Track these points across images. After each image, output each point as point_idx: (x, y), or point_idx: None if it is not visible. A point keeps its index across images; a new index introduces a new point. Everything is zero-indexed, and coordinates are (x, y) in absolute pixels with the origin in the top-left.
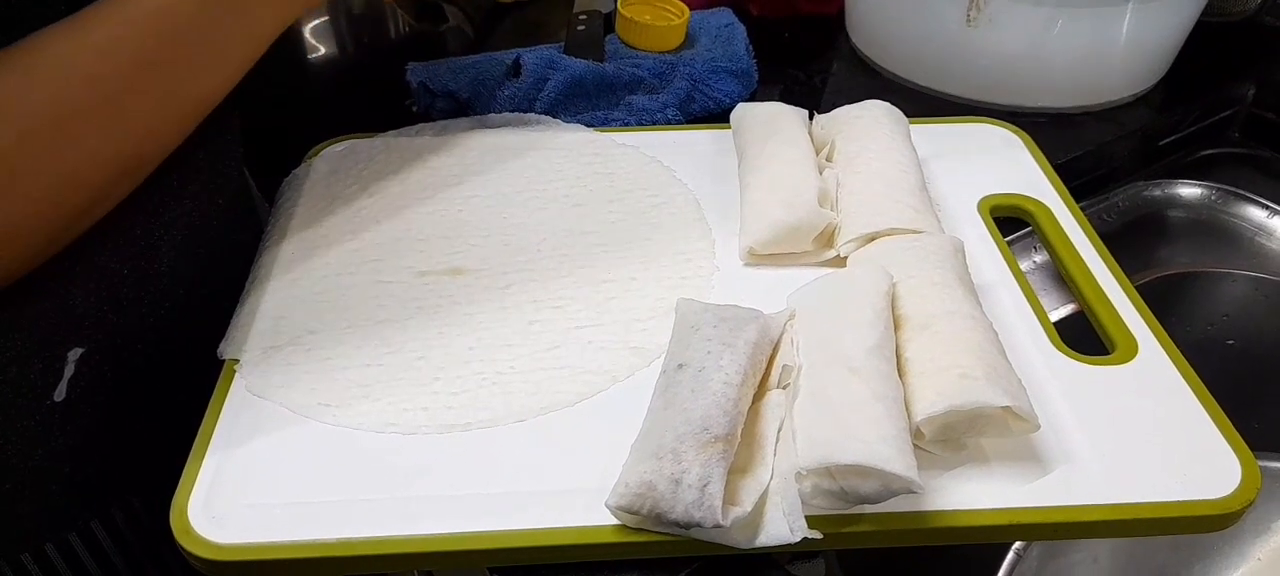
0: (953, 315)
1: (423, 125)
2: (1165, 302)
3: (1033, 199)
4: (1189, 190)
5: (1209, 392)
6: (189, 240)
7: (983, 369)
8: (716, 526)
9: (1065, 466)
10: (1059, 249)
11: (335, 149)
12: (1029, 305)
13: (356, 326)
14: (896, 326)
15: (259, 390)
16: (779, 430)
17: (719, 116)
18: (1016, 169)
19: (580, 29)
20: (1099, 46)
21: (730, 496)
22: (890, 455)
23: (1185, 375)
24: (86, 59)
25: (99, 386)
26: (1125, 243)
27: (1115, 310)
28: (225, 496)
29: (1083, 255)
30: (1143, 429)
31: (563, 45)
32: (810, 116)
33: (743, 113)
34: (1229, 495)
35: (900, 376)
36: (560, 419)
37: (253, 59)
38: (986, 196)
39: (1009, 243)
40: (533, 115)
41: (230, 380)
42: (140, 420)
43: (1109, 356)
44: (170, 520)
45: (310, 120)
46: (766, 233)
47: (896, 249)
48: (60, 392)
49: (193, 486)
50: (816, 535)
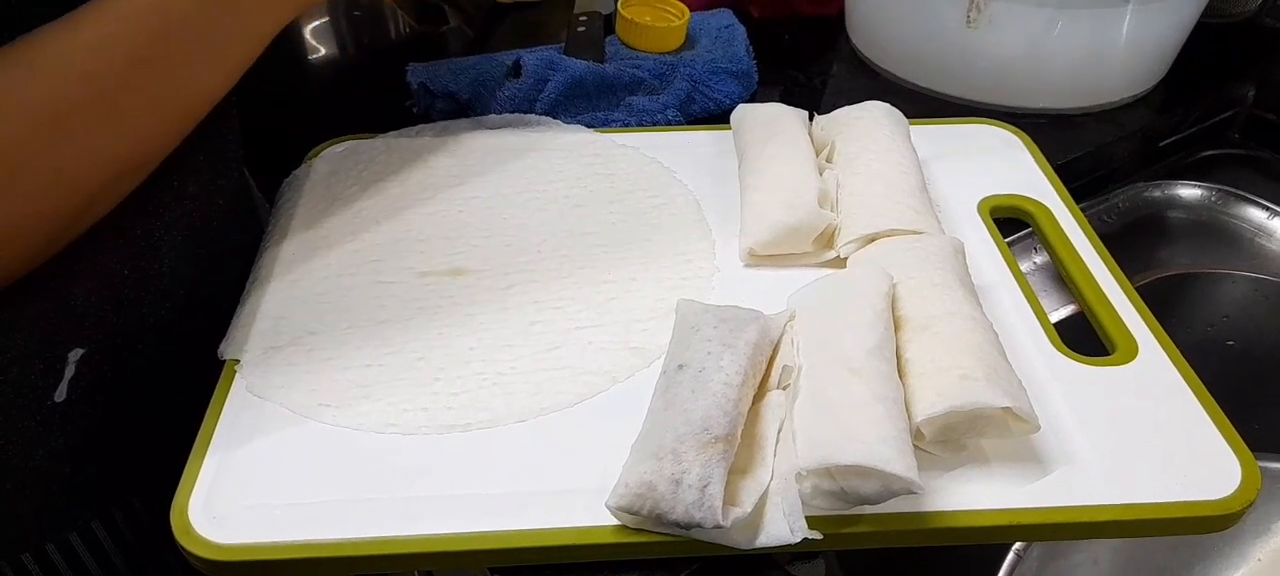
0: (953, 316)
1: (423, 126)
2: (1165, 304)
3: (1033, 200)
4: (1189, 191)
5: (1209, 393)
6: (189, 240)
7: (983, 370)
8: (717, 527)
9: (1065, 467)
10: (1059, 250)
11: (336, 149)
12: (1029, 306)
13: (357, 327)
14: (897, 327)
15: (259, 390)
16: (779, 431)
17: (719, 117)
18: (1016, 170)
19: (580, 30)
20: (1099, 48)
21: (730, 497)
22: (890, 456)
23: (1185, 376)
24: (82, 56)
25: (99, 386)
26: (1125, 244)
27: (1115, 311)
28: (226, 496)
29: (1083, 256)
30: (1143, 430)
31: (563, 46)
32: (810, 117)
33: (743, 114)
34: (1229, 496)
35: (900, 377)
36: (560, 419)
37: (251, 58)
38: (986, 197)
39: (1009, 243)
40: (533, 116)
41: (231, 380)
42: (141, 420)
43: (1109, 357)
44: (171, 520)
45: (311, 121)
46: (767, 233)
47: (897, 250)
48: (61, 393)
49: (193, 486)
50: (817, 535)
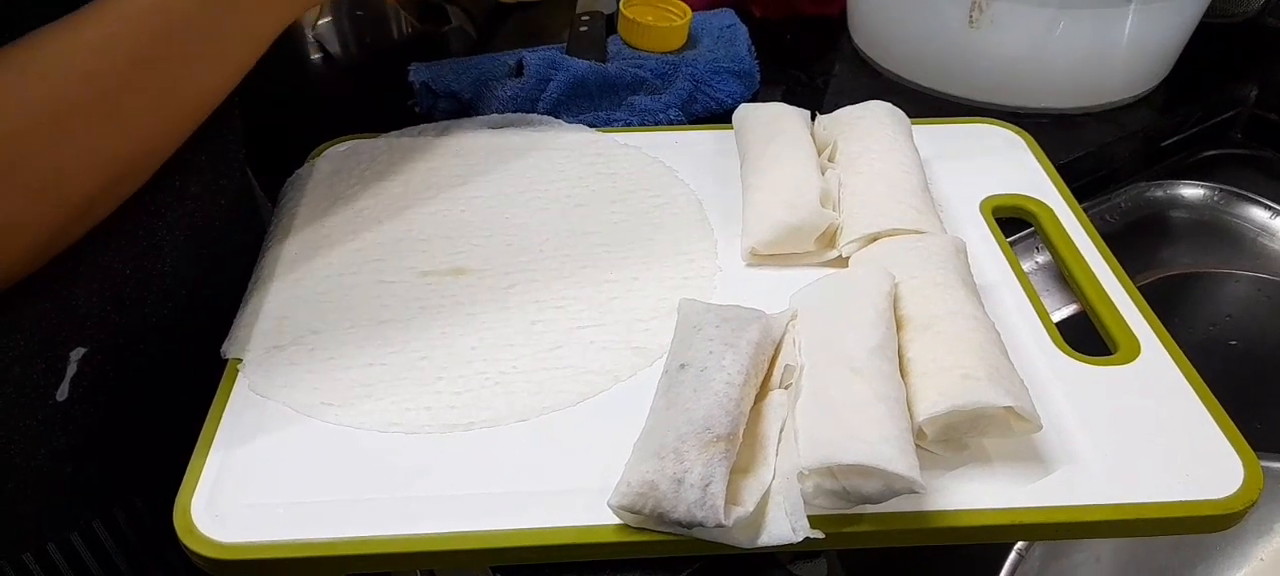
0: (955, 315)
1: (425, 126)
2: (1168, 303)
3: (1035, 199)
4: (1191, 191)
5: (1211, 393)
6: (192, 240)
7: (985, 369)
8: (719, 526)
9: (1068, 466)
10: (1061, 249)
11: (338, 149)
12: (1031, 305)
13: (359, 326)
14: (899, 327)
15: (262, 389)
16: (781, 430)
17: (721, 117)
18: (1019, 170)
19: (583, 30)
20: (1101, 47)
21: (732, 496)
22: (892, 455)
23: (1188, 376)
24: (83, 56)
25: (102, 386)
26: (1127, 243)
27: (1118, 311)
28: (228, 495)
29: (1085, 256)
30: (1145, 429)
31: (565, 46)
32: (812, 117)
33: (745, 113)
34: (1231, 495)
35: (902, 376)
36: (562, 418)
37: (253, 58)
38: (989, 197)
39: (1011, 243)
40: (535, 115)
41: (233, 379)
42: (143, 419)
43: (1111, 357)
44: (173, 519)
45: (313, 120)
46: (769, 233)
47: (899, 249)
48: (63, 392)
49: (196, 485)
50: (819, 535)
